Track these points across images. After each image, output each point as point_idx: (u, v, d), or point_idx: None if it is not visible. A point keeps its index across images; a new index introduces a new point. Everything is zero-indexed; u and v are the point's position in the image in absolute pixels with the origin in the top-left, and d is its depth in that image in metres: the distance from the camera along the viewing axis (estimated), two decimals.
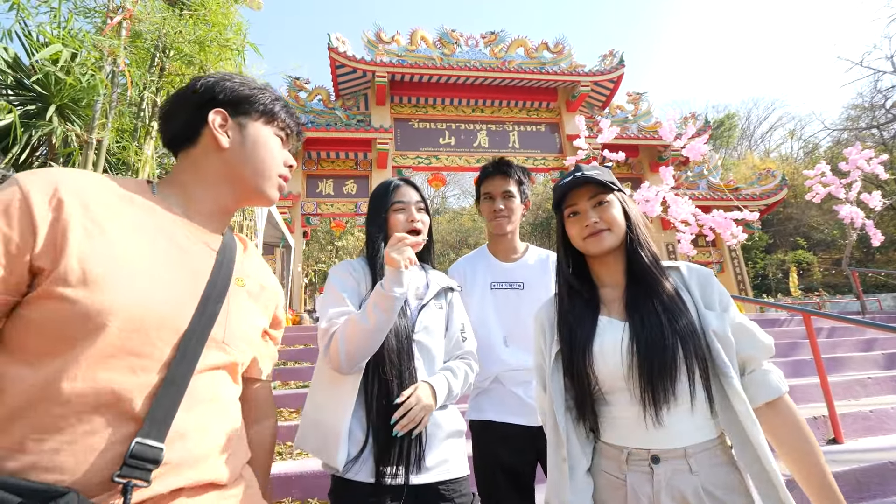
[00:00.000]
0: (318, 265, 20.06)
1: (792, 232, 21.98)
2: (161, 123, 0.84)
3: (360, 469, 1.09)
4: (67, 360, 0.60)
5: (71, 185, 0.65)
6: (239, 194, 0.83)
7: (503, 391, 1.48)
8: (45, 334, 0.60)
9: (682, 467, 0.88)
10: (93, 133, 2.02)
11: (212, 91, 0.81)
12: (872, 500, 2.33)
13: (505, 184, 1.63)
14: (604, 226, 1.02)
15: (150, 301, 0.65)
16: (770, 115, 32.81)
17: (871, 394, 3.83)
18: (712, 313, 0.96)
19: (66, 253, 0.61)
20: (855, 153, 8.37)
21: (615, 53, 12.30)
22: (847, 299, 12.51)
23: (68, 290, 0.60)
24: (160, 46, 2.34)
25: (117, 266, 0.64)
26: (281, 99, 0.88)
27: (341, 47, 10.79)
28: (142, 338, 0.64)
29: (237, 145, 0.81)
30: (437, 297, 1.32)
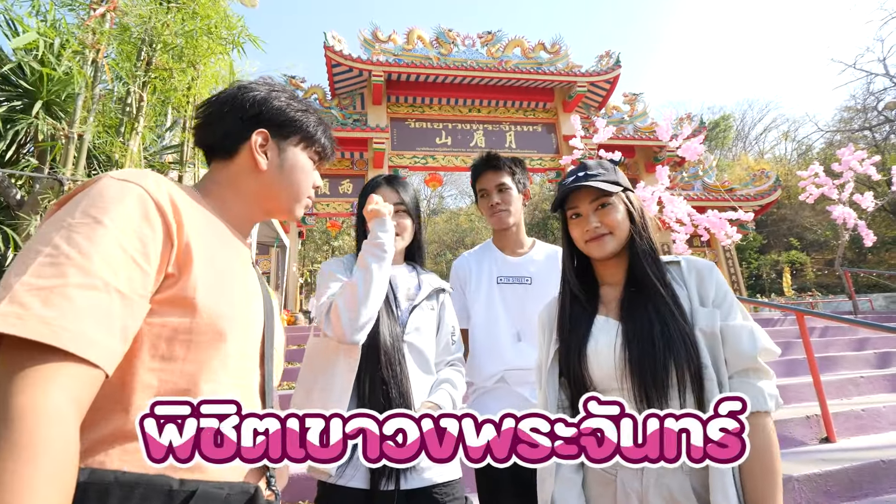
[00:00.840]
0: (314, 265, 19.98)
1: (785, 233, 22.14)
2: (199, 128, 0.83)
3: (353, 475, 1.07)
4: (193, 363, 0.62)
5: (175, 192, 0.66)
6: (269, 212, 0.86)
7: (508, 391, 1.45)
8: (173, 339, 0.61)
9: (674, 466, 0.87)
10: (74, 127, 1.97)
11: (259, 108, 0.80)
12: (865, 499, 2.33)
13: (497, 177, 1.60)
14: (605, 230, 1.01)
15: (243, 310, 0.70)
16: (764, 117, 33.09)
17: (863, 393, 3.86)
18: (703, 310, 0.94)
19: (193, 262, 0.63)
20: (848, 154, 8.45)
21: (612, 54, 12.33)
22: (839, 299, 12.60)
23: (197, 298, 0.62)
24: (146, 40, 2.29)
25: (222, 279, 0.67)
26: (323, 122, 0.89)
27: (337, 46, 10.76)
28: (244, 344, 0.69)
29: (275, 168, 0.81)
30: (429, 297, 1.32)
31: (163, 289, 0.61)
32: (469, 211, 31.43)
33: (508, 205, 1.58)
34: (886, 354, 4.92)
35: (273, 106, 0.81)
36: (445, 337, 1.33)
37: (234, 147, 0.80)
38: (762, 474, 0.83)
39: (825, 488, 2.31)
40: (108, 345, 0.53)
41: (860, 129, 21.87)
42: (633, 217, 1.03)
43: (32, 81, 2.68)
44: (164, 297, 0.60)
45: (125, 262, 0.56)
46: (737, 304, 0.97)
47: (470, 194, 31.12)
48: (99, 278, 0.53)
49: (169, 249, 0.61)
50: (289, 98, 0.85)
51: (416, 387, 1.18)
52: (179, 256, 0.62)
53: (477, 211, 24.91)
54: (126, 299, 0.55)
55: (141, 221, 0.59)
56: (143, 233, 0.59)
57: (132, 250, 0.57)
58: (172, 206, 0.63)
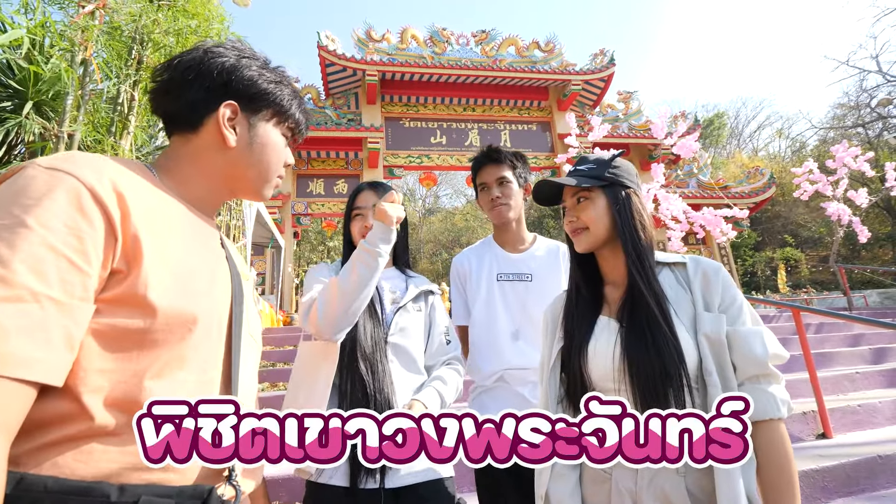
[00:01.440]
0: (310, 266, 19.92)
1: (780, 230, 22.28)
2: (157, 94, 0.74)
3: (333, 473, 1.07)
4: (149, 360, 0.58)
5: (119, 178, 0.59)
6: (236, 191, 0.79)
7: (507, 391, 1.44)
8: (123, 339, 0.56)
9: (670, 467, 0.86)
10: (63, 126, 1.94)
11: (228, 77, 0.72)
12: (862, 494, 2.34)
13: (498, 170, 1.56)
14: (581, 224, 1.00)
15: (206, 303, 0.65)
16: (758, 114, 33.25)
17: (858, 388, 3.87)
18: (708, 315, 0.91)
19: (143, 256, 0.57)
20: (842, 151, 8.50)
21: (606, 52, 12.36)
22: (834, 295, 12.69)
23: (148, 295, 0.56)
24: (137, 38, 2.26)
25: (178, 267, 0.62)
26: (298, 94, 0.81)
27: (331, 45, 10.71)
28: (207, 338, 0.64)
29: (244, 145, 0.74)
30: (416, 299, 1.32)
31: (109, 286, 0.55)
32: (464, 210, 31.43)
33: (508, 198, 1.54)
34: (882, 350, 4.95)
35: (244, 75, 0.73)
36: (438, 337, 1.33)
37: (199, 119, 0.72)
38: (782, 483, 0.82)
39: (822, 484, 2.31)
40: (47, 359, 0.48)
41: (853, 126, 22.03)
42: (618, 212, 0.98)
43: (21, 81, 2.64)
44: (111, 295, 0.55)
45: (57, 266, 0.50)
46: (746, 308, 0.93)
47: (465, 193, 31.15)
48: (24, 288, 0.48)
49: (112, 244, 0.55)
50: (261, 67, 0.76)
51: (401, 386, 1.19)
52: (126, 250, 0.56)
53: (472, 210, 24.84)
54: (63, 306, 0.50)
55: (75, 216, 0.52)
56: (78, 229, 0.52)
57: (66, 250, 0.51)
58: (116, 195, 0.56)
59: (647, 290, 0.92)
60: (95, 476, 0.52)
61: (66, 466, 0.51)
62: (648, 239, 0.99)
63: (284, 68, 0.81)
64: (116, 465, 0.53)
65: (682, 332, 0.90)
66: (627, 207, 0.99)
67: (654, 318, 0.89)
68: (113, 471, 0.53)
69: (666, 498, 0.85)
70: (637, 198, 1.02)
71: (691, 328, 0.91)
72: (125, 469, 0.54)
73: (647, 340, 0.88)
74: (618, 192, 1.00)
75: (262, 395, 3.64)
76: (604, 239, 0.99)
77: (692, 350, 0.89)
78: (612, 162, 1.03)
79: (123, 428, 0.54)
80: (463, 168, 11.90)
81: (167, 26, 2.22)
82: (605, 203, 0.99)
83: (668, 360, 0.85)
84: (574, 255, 1.07)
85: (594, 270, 1.07)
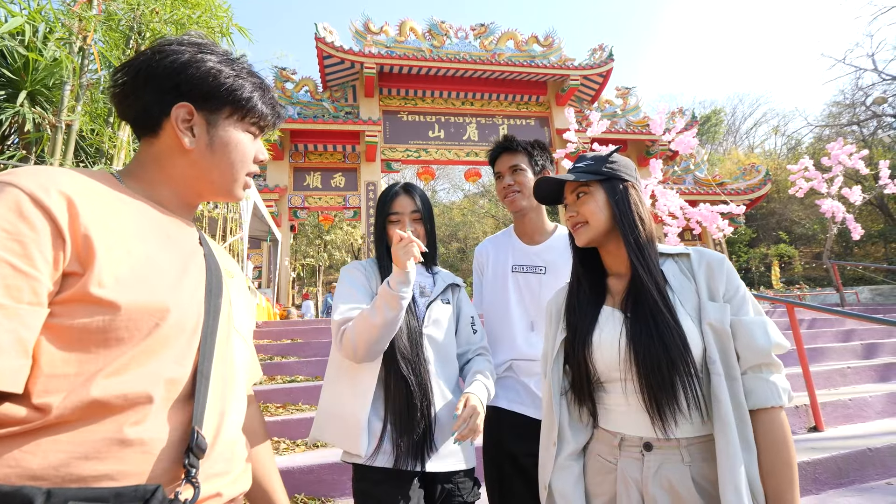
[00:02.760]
0: (307, 259, 19.86)
1: (774, 226, 22.44)
2: (116, 99, 0.72)
3: (379, 456, 1.18)
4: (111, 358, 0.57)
5: (67, 183, 0.59)
6: (204, 194, 0.78)
7: (514, 381, 1.46)
8: (84, 338, 0.55)
9: (675, 457, 0.88)
10: (61, 116, 1.92)
11: (177, 77, 0.69)
12: (851, 486, 2.39)
13: (511, 159, 1.55)
14: (581, 219, 1.01)
15: (175, 296, 0.64)
16: (755, 111, 33.40)
17: (850, 383, 3.93)
18: (713, 304, 0.92)
19: (96, 255, 0.56)
20: (837, 148, 8.55)
21: (604, 47, 12.33)
22: (826, 292, 12.81)
23: (105, 293, 0.56)
24: (135, 28, 2.23)
25: (138, 263, 0.61)
26: (261, 86, 0.78)
27: (329, 37, 10.61)
28: (180, 331, 0.64)
29: (203, 147, 0.72)
30: (444, 293, 1.39)
31: (65, 287, 0.55)
32: (462, 205, 31.38)
33: (522, 187, 1.53)
34: (872, 345, 5.02)
35: (195, 74, 0.70)
36: (465, 327, 1.40)
37: (156, 123, 0.70)
38: (781, 468, 0.84)
39: (814, 476, 2.36)
40: (2, 365, 0.48)
41: (849, 124, 22.13)
42: (617, 204, 0.99)
43: (16, 70, 2.61)
44: (67, 295, 0.55)
45: (2, 272, 0.50)
46: (749, 298, 0.95)
47: (463, 188, 31.07)
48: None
49: (61, 245, 0.55)
50: (219, 61, 0.72)
51: (437, 377, 1.27)
52: (78, 251, 0.56)
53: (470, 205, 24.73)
54: (10, 311, 0.50)
55: (15, 222, 0.53)
56: (19, 233, 0.52)
57: (9, 256, 0.51)
58: (63, 198, 0.56)
59: (649, 280, 0.94)
60: (37, 473, 0.51)
61: (11, 459, 0.50)
62: (648, 230, 1.00)
63: (245, 59, 0.78)
64: (65, 456, 0.52)
65: (687, 321, 0.92)
66: (625, 199, 1.00)
67: (658, 308, 0.90)
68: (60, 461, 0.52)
69: (672, 487, 0.86)
70: (635, 190, 1.04)
71: (696, 317, 0.92)
72: (74, 459, 0.52)
73: (651, 329, 0.89)
74: (616, 185, 1.01)
75: (261, 388, 3.65)
76: (604, 232, 1.01)
77: (697, 339, 0.90)
78: (609, 157, 1.05)
79: (76, 424, 0.53)
80: (461, 162, 11.88)
81: (166, 15, 2.19)
82: (604, 196, 1.01)
83: (672, 349, 0.87)
84: (576, 249, 1.09)
85: (597, 264, 1.09)
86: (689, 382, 0.86)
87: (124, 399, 0.56)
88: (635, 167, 1.09)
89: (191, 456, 0.60)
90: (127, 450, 0.55)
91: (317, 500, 2.38)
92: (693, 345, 0.88)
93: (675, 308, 0.92)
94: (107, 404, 0.55)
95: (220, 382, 0.69)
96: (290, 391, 3.58)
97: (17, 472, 0.50)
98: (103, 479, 0.53)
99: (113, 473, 0.54)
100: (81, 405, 0.53)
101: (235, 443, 0.72)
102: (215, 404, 0.67)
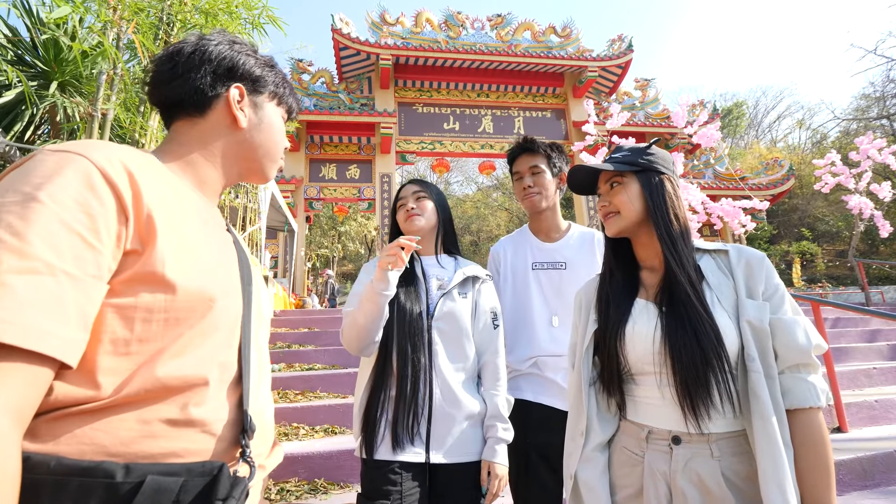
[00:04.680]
0: (321, 250, 20.08)
1: (797, 223, 21.86)
2: (159, 85, 0.75)
3: (381, 448, 1.20)
4: (171, 338, 0.58)
5: (130, 160, 0.60)
6: (244, 173, 0.81)
7: (540, 377, 1.48)
8: (147, 317, 0.56)
9: (704, 451, 0.87)
10: (97, 105, 1.97)
11: (232, 62, 0.75)
12: (877, 488, 2.34)
13: (531, 160, 1.59)
14: (613, 209, 1.01)
15: (221, 282, 0.66)
16: (778, 104, 32.38)
17: (875, 384, 3.84)
18: (752, 302, 0.91)
19: (157, 234, 0.57)
20: (866, 143, 8.26)
21: (623, 38, 12.07)
22: (850, 291, 12.48)
23: (168, 272, 0.57)
24: (164, 19, 2.26)
25: (192, 247, 0.63)
26: (287, 79, 0.85)
27: (345, 29, 10.60)
28: (226, 316, 0.66)
29: (254, 125, 0.77)
30: (463, 285, 1.37)
31: (125, 267, 0.55)
32: (475, 197, 31.27)
33: (541, 188, 1.57)
34: None
35: (244, 59, 0.77)
36: (485, 321, 1.37)
37: (206, 102, 0.74)
38: (819, 469, 0.83)
39: (838, 477, 2.31)
40: (64, 335, 0.48)
41: (878, 118, 21.35)
42: (651, 196, 0.99)
43: (48, 62, 2.67)
44: (127, 275, 0.55)
45: (70, 241, 0.50)
46: (787, 298, 0.94)
47: (476, 181, 30.97)
48: (40, 260, 0.47)
49: (124, 223, 0.55)
50: (253, 52, 0.80)
51: (445, 370, 1.27)
52: (140, 230, 0.56)
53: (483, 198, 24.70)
54: (77, 281, 0.49)
55: (86, 194, 0.52)
56: (89, 206, 0.52)
57: (78, 226, 0.51)
58: (127, 175, 0.57)
59: (682, 274, 0.93)
60: (111, 450, 0.52)
61: (85, 436, 0.51)
62: (682, 223, 0.99)
63: (271, 56, 0.84)
64: (134, 434, 0.53)
65: (724, 317, 0.90)
66: (660, 192, 0.99)
67: (691, 302, 0.90)
68: (131, 439, 0.53)
69: (701, 481, 0.86)
70: (671, 184, 1.02)
71: (733, 314, 0.91)
72: (142, 437, 0.54)
73: (686, 324, 0.89)
74: (651, 176, 1.00)
75: (280, 375, 3.73)
76: (636, 222, 1.00)
77: (733, 336, 0.89)
78: (647, 149, 1.04)
79: (142, 404, 0.54)
80: (475, 155, 11.81)
81: (195, 4, 2.21)
82: (638, 187, 1.00)
83: (706, 345, 0.86)
84: (608, 240, 1.08)
85: (629, 256, 1.08)
86: (722, 378, 0.85)
87: (184, 381, 0.58)
88: (673, 161, 1.07)
89: (245, 437, 0.63)
90: (190, 429, 0.57)
91: (336, 485, 2.44)
92: (728, 341, 0.87)
93: (712, 303, 0.91)
94: (170, 386, 0.57)
95: (257, 366, 0.71)
96: (309, 379, 3.66)
97: (93, 449, 0.51)
98: (170, 456, 0.55)
99: (179, 451, 0.56)
100: (147, 386, 0.55)
101: (269, 420, 0.76)
102: (255, 387, 0.69)
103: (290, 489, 2.34)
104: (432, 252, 1.44)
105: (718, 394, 0.85)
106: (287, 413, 3.01)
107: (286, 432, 2.88)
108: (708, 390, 0.86)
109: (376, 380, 1.24)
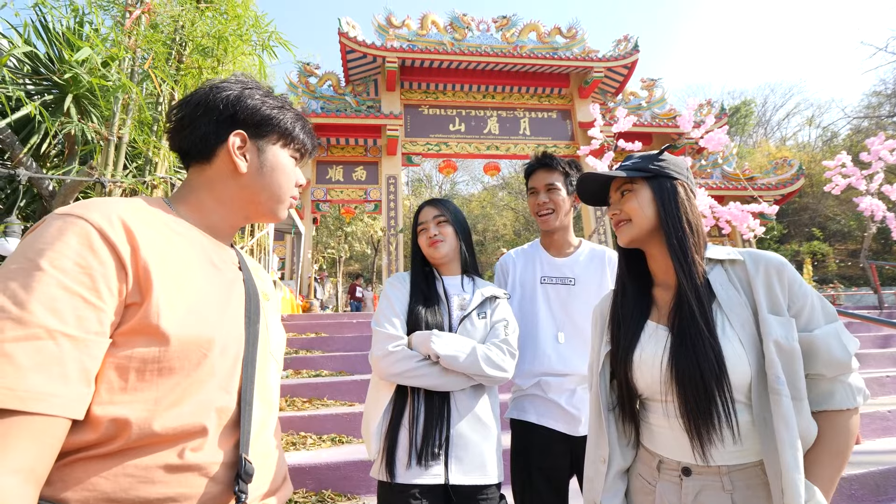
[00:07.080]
0: (328, 251, 20.17)
1: (807, 222, 21.58)
2: (173, 132, 0.79)
3: (400, 469, 1.20)
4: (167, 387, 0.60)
5: (129, 216, 0.63)
6: (252, 216, 0.83)
7: (544, 398, 1.48)
8: (142, 368, 0.58)
9: (715, 484, 0.85)
10: (113, 128, 2.01)
11: (233, 108, 0.77)
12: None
13: (548, 176, 1.58)
14: (624, 216, 0.98)
15: (220, 326, 0.67)
16: (787, 102, 31.99)
17: (889, 392, 3.75)
18: (777, 319, 0.84)
19: (153, 286, 0.60)
20: (878, 143, 8.12)
21: (629, 38, 11.98)
22: (862, 291, 12.31)
23: (160, 323, 0.59)
24: (177, 40, 2.29)
25: (189, 296, 0.64)
26: (301, 118, 0.86)
27: (351, 32, 10.63)
28: (223, 359, 0.67)
29: (255, 170, 0.79)
30: (482, 306, 1.38)
31: (126, 319, 0.59)
32: (481, 197, 31.22)
33: (556, 207, 1.57)
34: None
35: (248, 105, 0.78)
36: (497, 330, 1.36)
37: (211, 150, 0.77)
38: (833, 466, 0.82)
39: (850, 492, 2.28)
40: (66, 393, 0.51)
41: (889, 116, 21.02)
42: (662, 203, 0.94)
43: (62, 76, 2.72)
44: (128, 327, 0.58)
45: (72, 303, 0.53)
46: (818, 304, 0.88)
47: (482, 181, 30.94)
48: (39, 327, 0.51)
49: (124, 278, 0.58)
50: (263, 95, 0.81)
51: (465, 390, 1.28)
52: (139, 282, 0.59)
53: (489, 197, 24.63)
54: (78, 341, 0.53)
55: (86, 255, 0.56)
56: (90, 267, 0.56)
57: (79, 288, 0.54)
58: (124, 231, 0.60)
59: (690, 289, 0.88)
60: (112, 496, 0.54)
61: (90, 483, 0.53)
62: (697, 232, 0.94)
63: (286, 96, 0.86)
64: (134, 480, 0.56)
65: (734, 341, 0.86)
66: (672, 198, 0.95)
67: (696, 324, 0.86)
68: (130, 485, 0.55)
69: None
70: (685, 189, 0.97)
71: (746, 334, 0.86)
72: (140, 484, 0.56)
73: (690, 350, 0.85)
74: (663, 182, 0.96)
75: (287, 382, 3.75)
76: (648, 231, 0.96)
77: (743, 363, 0.85)
78: (659, 155, 1.00)
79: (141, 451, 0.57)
80: (481, 156, 11.79)
81: (207, 28, 2.24)
82: (650, 194, 0.96)
83: (707, 373, 0.82)
84: (622, 252, 1.05)
85: (643, 271, 1.03)
86: (724, 409, 0.82)
87: (183, 430, 0.60)
88: (688, 166, 1.02)
89: (240, 482, 0.64)
90: (187, 474, 0.59)
91: (343, 496, 2.44)
92: (733, 369, 0.83)
93: (721, 325, 0.86)
94: (169, 435, 0.59)
95: (261, 406, 0.72)
96: (317, 386, 3.67)
97: (94, 496, 0.54)
98: (166, 501, 0.57)
99: (175, 496, 0.58)
100: (146, 434, 0.57)
101: (276, 460, 0.76)
102: (258, 428, 0.70)
103: (298, 500, 2.36)
104: (455, 272, 1.46)
105: (720, 426, 0.82)
106: (295, 422, 3.02)
107: (294, 441, 2.89)
108: (711, 422, 0.83)
109: (397, 401, 1.25)
